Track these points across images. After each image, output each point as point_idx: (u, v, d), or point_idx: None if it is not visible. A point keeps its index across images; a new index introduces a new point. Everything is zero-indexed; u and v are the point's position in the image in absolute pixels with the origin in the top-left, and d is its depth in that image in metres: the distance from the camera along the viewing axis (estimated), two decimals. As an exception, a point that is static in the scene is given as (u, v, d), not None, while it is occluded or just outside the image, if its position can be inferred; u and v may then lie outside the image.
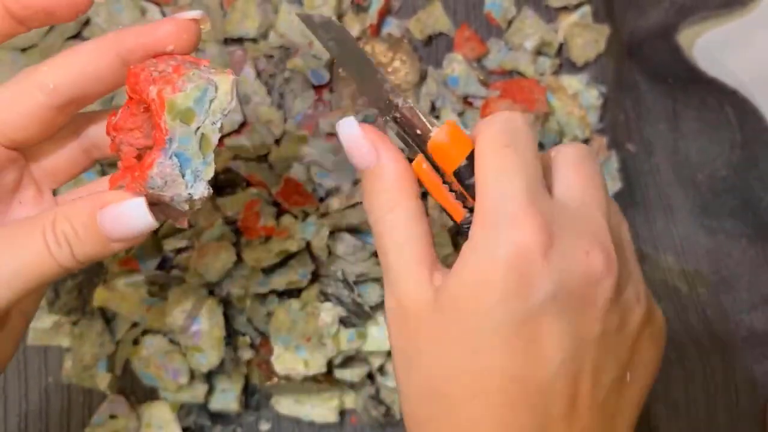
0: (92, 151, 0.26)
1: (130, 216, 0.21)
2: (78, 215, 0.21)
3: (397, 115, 0.25)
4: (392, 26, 0.46)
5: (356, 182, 0.44)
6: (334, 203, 0.43)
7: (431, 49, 0.47)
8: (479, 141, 0.24)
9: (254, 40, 0.45)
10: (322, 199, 0.44)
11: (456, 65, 0.44)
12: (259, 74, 0.45)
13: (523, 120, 0.24)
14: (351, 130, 0.25)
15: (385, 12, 0.46)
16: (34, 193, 0.25)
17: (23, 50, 0.44)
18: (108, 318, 0.43)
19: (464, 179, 0.25)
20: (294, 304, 0.42)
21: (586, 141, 0.47)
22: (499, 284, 0.22)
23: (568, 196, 0.24)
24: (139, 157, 0.22)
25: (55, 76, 0.22)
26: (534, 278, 0.22)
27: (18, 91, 0.23)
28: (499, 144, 0.24)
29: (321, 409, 0.43)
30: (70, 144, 0.25)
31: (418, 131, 0.25)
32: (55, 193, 0.26)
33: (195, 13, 0.23)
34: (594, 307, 0.23)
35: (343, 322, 0.42)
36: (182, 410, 0.43)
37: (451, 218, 0.26)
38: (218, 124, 0.22)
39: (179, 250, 0.42)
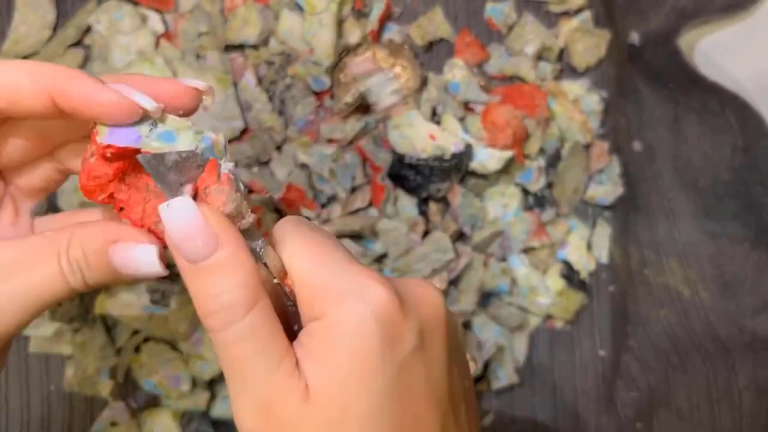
0: (67, 169, 0.25)
1: (139, 261, 0.21)
2: (91, 243, 0.21)
3: None
4: (393, 32, 0.46)
5: (353, 189, 0.44)
6: (336, 210, 0.43)
7: (432, 54, 0.47)
8: (283, 237, 0.23)
9: (255, 47, 0.45)
10: (323, 206, 0.44)
11: (457, 71, 0.44)
12: (260, 81, 0.45)
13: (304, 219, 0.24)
14: (185, 215, 0.20)
15: (386, 18, 0.46)
16: (11, 214, 0.25)
17: (24, 58, 0.44)
18: (109, 326, 0.43)
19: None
20: (296, 310, 0.42)
21: (587, 146, 0.47)
22: (376, 351, 0.21)
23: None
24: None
25: None
26: (400, 331, 0.21)
27: None
28: (305, 230, 0.23)
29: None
30: (44, 164, 0.25)
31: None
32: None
33: (198, 83, 0.23)
34: (444, 333, 0.23)
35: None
36: (184, 418, 0.43)
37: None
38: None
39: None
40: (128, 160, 0.22)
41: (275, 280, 0.23)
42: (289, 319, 0.23)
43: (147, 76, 0.23)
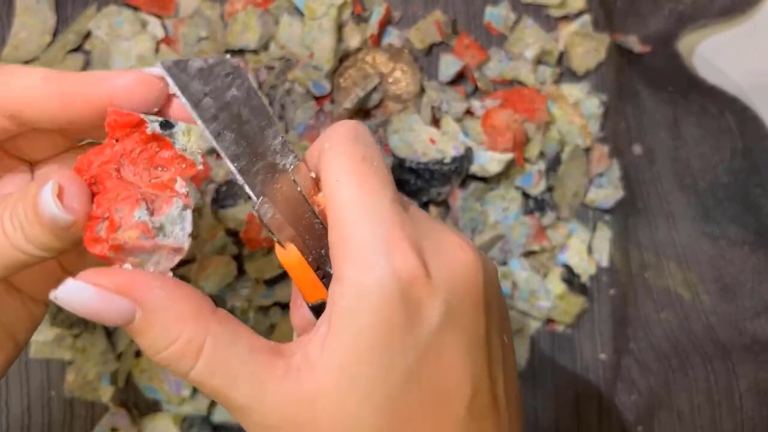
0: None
1: (44, 200, 0.19)
2: (28, 194, 0.19)
3: (264, 211, 0.21)
4: (393, 36, 0.46)
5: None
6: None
7: (432, 58, 0.47)
8: (329, 154, 0.21)
9: (255, 52, 0.45)
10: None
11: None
12: (260, 85, 0.45)
13: (368, 130, 0.22)
14: (82, 295, 0.19)
15: (386, 22, 0.46)
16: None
17: (24, 63, 0.44)
18: (110, 331, 0.43)
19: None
20: (297, 315, 0.42)
21: (587, 150, 0.47)
22: (398, 331, 0.19)
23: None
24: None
25: None
26: (424, 303, 0.20)
27: None
28: (356, 156, 0.21)
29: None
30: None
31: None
32: None
33: (158, 71, 0.21)
34: (478, 301, 0.21)
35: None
36: (185, 423, 0.43)
37: (304, 298, 0.23)
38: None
39: (181, 263, 0.42)
40: (130, 144, 0.20)
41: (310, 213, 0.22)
42: (315, 236, 0.22)
43: (103, 73, 0.21)
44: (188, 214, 0.20)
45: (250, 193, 0.21)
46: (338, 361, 0.19)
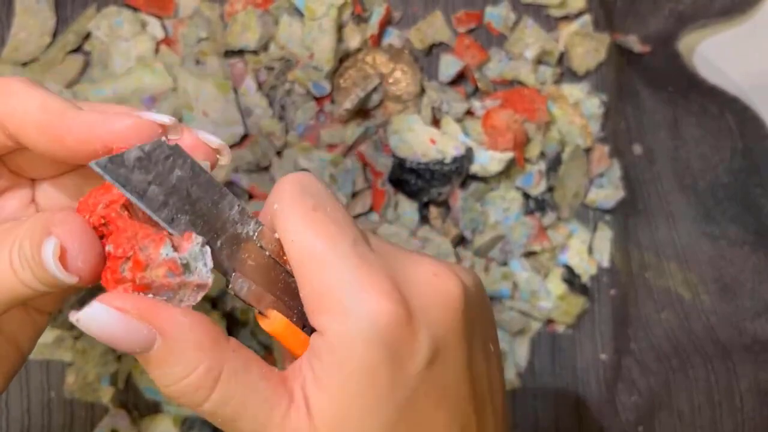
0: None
1: (46, 257, 0.18)
2: (33, 232, 0.18)
3: (236, 289, 0.20)
4: (393, 36, 0.46)
5: (354, 194, 0.44)
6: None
7: (432, 58, 0.47)
8: (280, 215, 0.20)
9: (255, 52, 0.45)
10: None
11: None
12: (260, 86, 0.45)
13: (314, 178, 0.21)
14: (105, 319, 0.18)
15: (386, 22, 0.46)
16: (19, 204, 0.24)
17: (24, 64, 0.44)
18: (110, 332, 0.43)
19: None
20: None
21: (587, 150, 0.47)
22: (384, 378, 0.19)
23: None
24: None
25: None
26: (410, 349, 0.20)
27: None
28: (306, 209, 0.20)
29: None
30: (74, 180, 0.24)
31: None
32: None
33: (163, 118, 0.20)
34: (461, 326, 0.21)
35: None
36: (185, 424, 0.43)
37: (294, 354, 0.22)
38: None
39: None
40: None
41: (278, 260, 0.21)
42: (293, 295, 0.22)
43: (102, 113, 0.20)
44: (207, 249, 0.20)
45: (220, 271, 0.20)
46: (330, 411, 0.19)
